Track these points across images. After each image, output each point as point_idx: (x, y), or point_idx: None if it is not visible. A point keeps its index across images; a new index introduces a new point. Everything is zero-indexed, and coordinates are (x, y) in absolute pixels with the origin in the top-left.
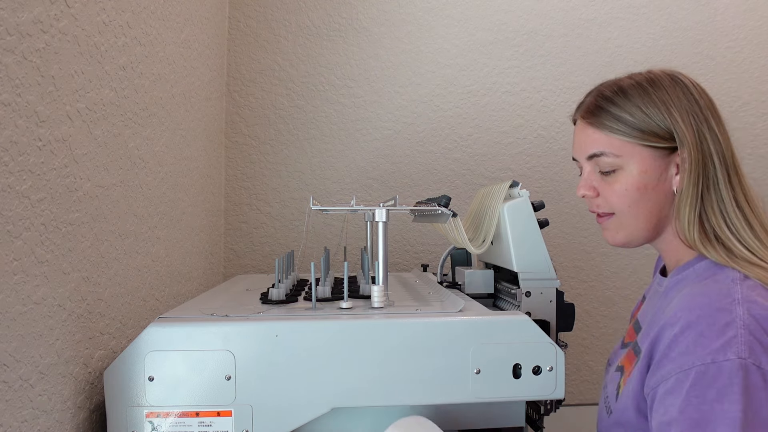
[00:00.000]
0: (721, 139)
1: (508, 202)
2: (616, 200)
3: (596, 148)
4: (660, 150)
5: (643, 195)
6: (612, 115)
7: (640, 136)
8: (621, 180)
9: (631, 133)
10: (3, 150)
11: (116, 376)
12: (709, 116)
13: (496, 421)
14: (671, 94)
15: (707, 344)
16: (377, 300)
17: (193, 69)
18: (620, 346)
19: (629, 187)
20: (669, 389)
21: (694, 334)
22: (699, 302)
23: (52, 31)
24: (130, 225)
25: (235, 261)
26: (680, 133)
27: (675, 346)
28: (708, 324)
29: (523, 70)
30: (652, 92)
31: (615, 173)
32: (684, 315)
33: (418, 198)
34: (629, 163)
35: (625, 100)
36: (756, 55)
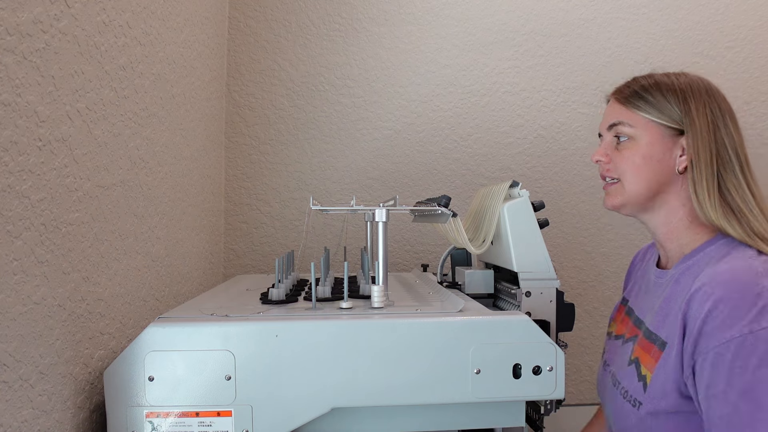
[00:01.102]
0: (735, 136)
1: (508, 202)
2: (623, 164)
3: (617, 118)
4: (669, 129)
5: (647, 164)
6: (637, 95)
7: (655, 114)
8: (631, 147)
9: (647, 110)
10: (3, 150)
11: (116, 376)
12: (727, 116)
13: (496, 421)
14: (694, 89)
15: (742, 316)
16: (377, 300)
17: (193, 69)
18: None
19: (636, 154)
20: (712, 362)
21: (728, 308)
22: (726, 278)
23: (52, 31)
24: (130, 225)
25: (235, 261)
26: (690, 119)
27: (710, 320)
28: (740, 297)
29: (523, 70)
30: (677, 84)
31: (627, 141)
32: (714, 291)
33: (418, 198)
34: (641, 135)
35: (653, 86)
36: (756, 55)
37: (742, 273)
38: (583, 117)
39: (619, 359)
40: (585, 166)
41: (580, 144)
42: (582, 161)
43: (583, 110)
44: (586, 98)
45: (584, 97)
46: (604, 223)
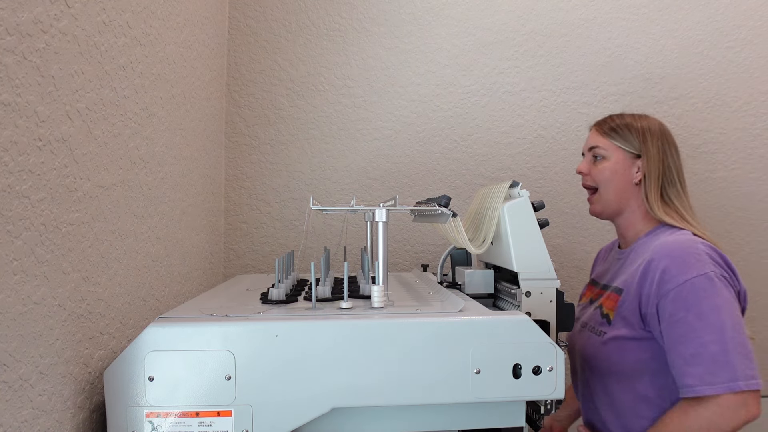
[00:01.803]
0: (678, 163)
1: (508, 202)
2: (598, 176)
3: (596, 143)
4: (630, 154)
5: (614, 177)
6: (612, 128)
7: (621, 142)
8: (604, 165)
9: (617, 139)
10: (3, 150)
11: (116, 376)
12: (672, 149)
13: (496, 421)
14: (652, 128)
15: (691, 266)
16: (377, 300)
17: (193, 69)
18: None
19: (607, 169)
20: (672, 299)
21: (678, 263)
22: (673, 246)
23: (52, 31)
24: (130, 225)
25: (235, 261)
26: (645, 148)
27: (667, 273)
28: (687, 255)
29: (523, 70)
30: (639, 124)
31: (602, 160)
32: (666, 253)
33: (418, 198)
34: (611, 156)
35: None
36: (756, 55)
37: (684, 241)
38: (583, 117)
39: (588, 312)
40: None
41: (580, 144)
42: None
43: (583, 110)
44: (586, 98)
45: (584, 97)
46: (604, 223)
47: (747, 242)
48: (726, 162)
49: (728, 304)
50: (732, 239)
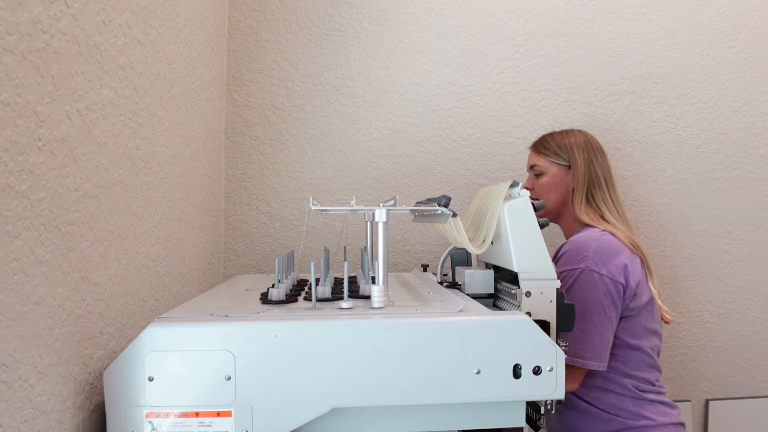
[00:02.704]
0: (605, 167)
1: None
2: (539, 190)
3: (534, 162)
4: (562, 167)
5: (551, 189)
6: (545, 147)
7: (554, 158)
8: (543, 180)
9: (551, 157)
10: (3, 150)
11: (116, 376)
12: (598, 155)
13: (496, 421)
14: (578, 142)
15: (573, 260)
16: (377, 300)
17: (193, 69)
18: None
19: (546, 183)
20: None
21: (567, 256)
22: (575, 240)
23: (52, 31)
24: (130, 225)
25: (235, 261)
26: (573, 161)
27: (560, 260)
28: (575, 250)
29: (523, 70)
30: (566, 140)
31: (541, 176)
32: (567, 247)
33: (418, 198)
34: (548, 171)
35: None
36: (756, 55)
37: (583, 237)
38: (583, 117)
39: None
40: None
41: None
42: None
43: (583, 110)
44: (586, 98)
45: (584, 97)
46: None
47: (747, 242)
48: (726, 162)
49: (585, 296)
50: (732, 239)
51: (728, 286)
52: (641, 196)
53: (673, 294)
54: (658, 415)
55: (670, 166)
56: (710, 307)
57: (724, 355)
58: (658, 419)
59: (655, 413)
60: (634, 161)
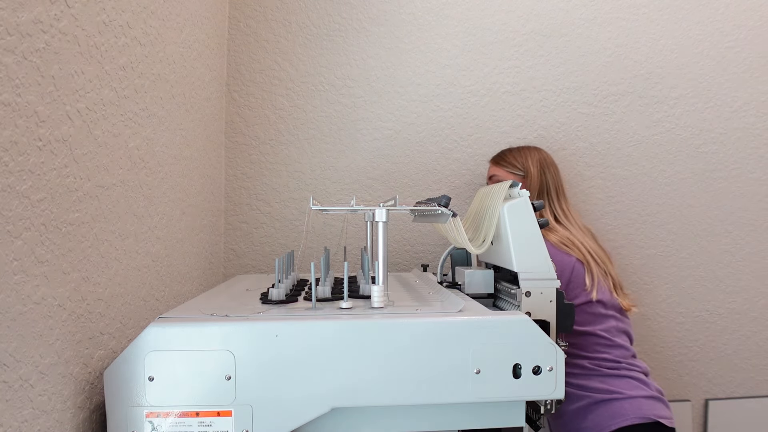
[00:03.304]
0: (555, 178)
1: (508, 202)
2: None
3: (494, 173)
4: (518, 176)
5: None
6: (502, 159)
7: (511, 169)
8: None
9: (508, 168)
10: (3, 150)
11: (116, 376)
12: (550, 167)
13: (496, 421)
14: (531, 155)
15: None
16: (377, 300)
17: (193, 69)
18: None
19: None
20: None
21: None
22: None
23: (52, 31)
24: (130, 225)
25: (235, 261)
26: (527, 171)
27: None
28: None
29: (523, 70)
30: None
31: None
32: None
33: (418, 198)
34: (505, 179)
35: (510, 155)
36: (756, 55)
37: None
38: (583, 117)
39: None
40: (585, 167)
41: (580, 144)
42: (582, 161)
43: (583, 110)
44: (586, 98)
45: (584, 97)
46: (604, 223)
47: (747, 242)
48: (726, 162)
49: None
50: (732, 239)
51: (728, 286)
52: (641, 196)
53: (673, 294)
54: (627, 389)
55: (670, 166)
56: (710, 307)
57: (723, 355)
58: (627, 392)
59: (624, 387)
60: (634, 161)
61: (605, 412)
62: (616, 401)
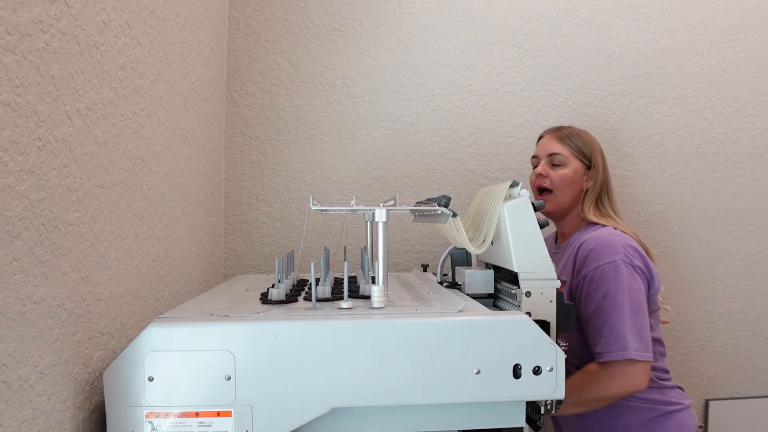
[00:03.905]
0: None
1: (508, 202)
2: (558, 181)
3: (557, 150)
4: (583, 164)
5: (570, 184)
6: (569, 138)
7: (578, 153)
8: (564, 171)
9: (575, 150)
10: (3, 150)
11: (116, 376)
12: (605, 161)
13: (496, 421)
14: (595, 142)
15: (603, 255)
16: (377, 300)
17: (193, 69)
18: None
19: (566, 176)
20: (587, 282)
21: (595, 252)
22: (594, 239)
23: (52, 31)
24: (129, 225)
25: (235, 261)
26: (595, 161)
27: (586, 260)
28: (604, 244)
29: (523, 70)
30: (588, 138)
31: (561, 166)
32: (592, 243)
33: (418, 198)
34: (570, 164)
35: (576, 135)
36: (756, 55)
37: (604, 234)
38: (583, 117)
39: None
40: None
41: None
42: None
43: (583, 110)
44: (586, 98)
45: (584, 97)
46: None
47: (747, 242)
48: (726, 162)
49: (630, 287)
50: (732, 239)
51: (728, 286)
52: (641, 196)
53: (673, 294)
54: (680, 399)
55: (670, 166)
56: (710, 307)
57: (723, 355)
58: (682, 402)
59: (678, 397)
60: (634, 161)
61: (672, 423)
62: (679, 412)
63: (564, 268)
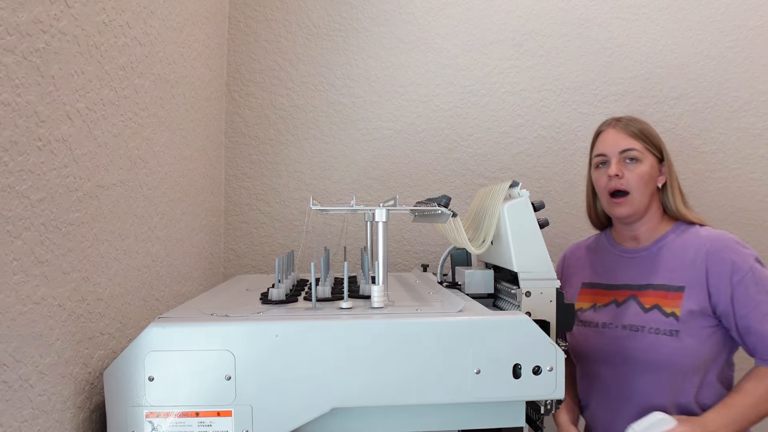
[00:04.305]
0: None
1: (508, 202)
2: (635, 180)
3: (629, 146)
4: (657, 158)
5: (648, 182)
6: (641, 132)
7: (651, 147)
8: (640, 168)
9: (647, 144)
10: (3, 150)
11: (116, 376)
12: None
13: (496, 421)
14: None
15: (745, 255)
16: (377, 300)
17: (193, 69)
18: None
19: (644, 174)
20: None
21: (737, 254)
22: (723, 240)
23: (52, 31)
24: (129, 225)
25: (235, 261)
26: (665, 153)
27: (735, 264)
28: (737, 246)
29: (523, 70)
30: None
31: (637, 163)
32: (723, 247)
33: (418, 198)
34: (645, 160)
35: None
36: (756, 55)
37: (724, 234)
38: (583, 117)
39: (627, 314)
40: (585, 167)
41: (580, 144)
42: (582, 161)
43: (583, 110)
44: (586, 98)
45: (584, 97)
46: None
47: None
48: (726, 162)
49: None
50: None
51: None
52: None
53: None
54: None
55: None
56: None
57: None
58: None
59: None
60: None
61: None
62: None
63: (681, 274)
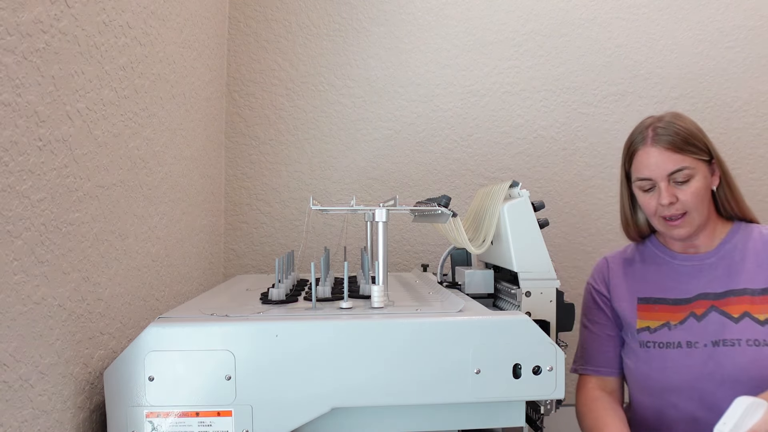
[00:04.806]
0: None
1: (508, 202)
2: (691, 200)
3: (678, 165)
4: (707, 162)
5: (705, 194)
6: (686, 142)
7: (700, 153)
8: (694, 185)
9: (696, 153)
10: (3, 150)
11: (116, 376)
12: None
13: (496, 421)
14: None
15: None
16: (377, 300)
17: (193, 69)
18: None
19: (699, 189)
20: None
21: None
22: None
23: (52, 31)
24: (130, 225)
25: (235, 261)
26: (712, 149)
27: None
28: None
29: (523, 70)
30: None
31: (689, 182)
32: None
33: (418, 198)
34: (698, 173)
35: (690, 133)
36: (756, 55)
37: None
38: (583, 117)
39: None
40: (585, 166)
41: (580, 144)
42: (582, 161)
43: (583, 110)
44: (586, 98)
45: (584, 97)
46: (604, 223)
47: None
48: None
49: None
50: None
51: None
52: None
53: None
54: None
55: None
56: None
57: None
58: None
59: None
60: None
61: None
62: None
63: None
